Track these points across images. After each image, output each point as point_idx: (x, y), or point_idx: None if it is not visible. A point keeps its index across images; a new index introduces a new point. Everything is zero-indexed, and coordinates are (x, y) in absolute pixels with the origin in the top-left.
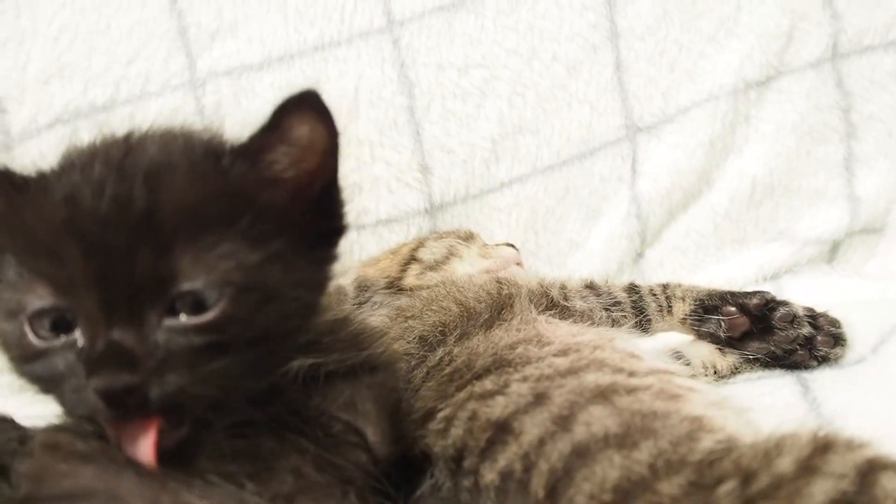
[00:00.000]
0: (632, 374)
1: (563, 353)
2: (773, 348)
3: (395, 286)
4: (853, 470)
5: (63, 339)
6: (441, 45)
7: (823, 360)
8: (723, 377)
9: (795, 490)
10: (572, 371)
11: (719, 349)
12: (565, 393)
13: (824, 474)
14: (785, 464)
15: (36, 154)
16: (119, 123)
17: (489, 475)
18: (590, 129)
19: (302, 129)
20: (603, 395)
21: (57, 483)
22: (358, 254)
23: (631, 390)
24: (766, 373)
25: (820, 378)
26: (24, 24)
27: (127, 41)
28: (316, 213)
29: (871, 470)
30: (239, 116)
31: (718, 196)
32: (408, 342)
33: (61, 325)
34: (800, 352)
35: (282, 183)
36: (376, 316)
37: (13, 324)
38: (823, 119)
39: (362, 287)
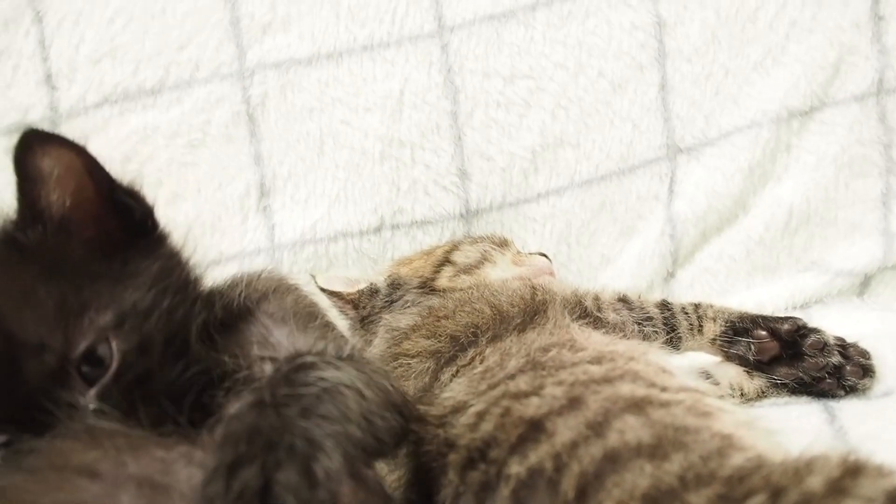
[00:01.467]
0: (664, 389)
1: (598, 360)
2: (801, 375)
3: (427, 286)
4: (882, 495)
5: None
6: (489, 53)
7: (851, 390)
8: (749, 400)
9: None
10: (607, 380)
11: (747, 372)
12: (600, 400)
13: (854, 497)
14: (815, 483)
15: (81, 132)
16: (166, 107)
17: (516, 468)
18: (630, 146)
19: (45, 162)
20: (637, 405)
21: None
22: (391, 253)
23: (664, 404)
24: (793, 399)
25: (847, 407)
26: (80, 5)
27: (180, 26)
28: (119, 217)
29: None
30: (284, 110)
31: (753, 222)
32: (439, 340)
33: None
34: (828, 380)
35: (74, 216)
36: (407, 314)
37: None
38: (864, 153)
39: (395, 285)
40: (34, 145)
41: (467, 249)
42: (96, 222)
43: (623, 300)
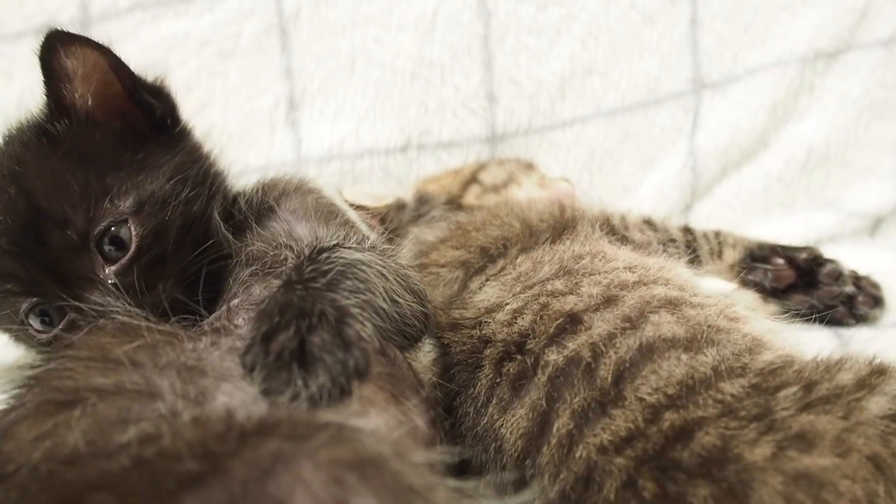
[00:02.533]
0: (694, 294)
1: (630, 269)
2: (815, 302)
3: (454, 203)
4: None
5: (52, 331)
6: None
7: (861, 320)
8: None
9: (854, 401)
10: (641, 283)
11: (762, 298)
12: (635, 297)
13: (881, 392)
14: (845, 378)
15: (111, 36)
16: (198, 14)
17: (553, 357)
18: (657, 79)
19: (69, 62)
20: (672, 303)
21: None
22: (416, 173)
23: (696, 305)
24: (805, 326)
25: (857, 335)
26: None
27: None
28: (141, 112)
29: None
30: (317, 25)
31: (773, 159)
32: (469, 251)
33: (46, 318)
34: (840, 308)
35: (98, 111)
36: (435, 228)
37: (21, 328)
38: (885, 97)
39: (422, 200)
40: (58, 45)
41: (494, 170)
42: (120, 117)
43: (648, 222)
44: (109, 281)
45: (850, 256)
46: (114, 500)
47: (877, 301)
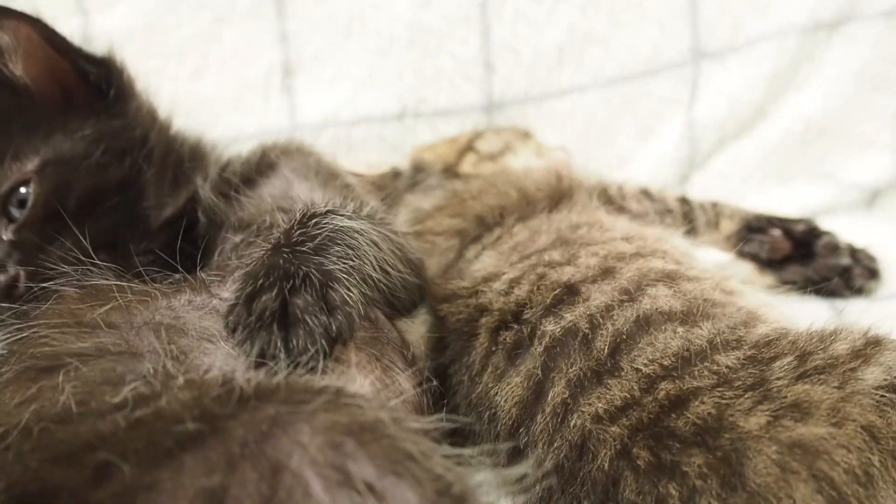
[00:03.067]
0: (691, 267)
1: (627, 240)
2: (810, 274)
3: (450, 171)
4: None
5: None
6: None
7: (857, 292)
8: None
9: (849, 371)
10: (638, 255)
11: (758, 269)
12: (632, 270)
13: (876, 363)
14: (840, 349)
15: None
16: None
17: (551, 327)
18: (656, 48)
19: (3, 37)
20: (668, 277)
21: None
22: (412, 141)
23: (692, 279)
24: (801, 297)
25: (851, 306)
26: None
27: None
28: (78, 79)
29: None
30: None
31: (771, 131)
32: (465, 220)
33: None
34: (836, 280)
35: (30, 78)
36: (431, 196)
37: None
38: (885, 70)
39: (418, 169)
40: None
41: (491, 138)
42: (58, 83)
43: (645, 192)
44: (7, 238)
45: (846, 229)
46: (112, 457)
47: (873, 273)
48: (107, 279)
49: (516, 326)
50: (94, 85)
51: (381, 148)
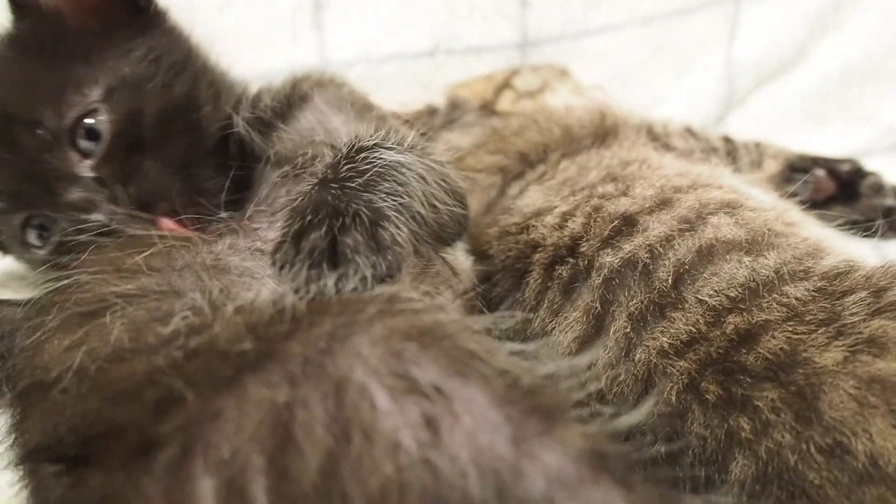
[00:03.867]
0: (749, 198)
1: (680, 174)
2: (855, 214)
3: (487, 109)
4: None
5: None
6: None
7: None
8: None
9: None
10: (695, 186)
11: (802, 210)
12: (692, 199)
13: None
14: None
15: None
16: None
17: (609, 258)
18: None
19: None
20: (729, 206)
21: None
22: (443, 79)
23: (753, 209)
24: (844, 238)
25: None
26: None
27: None
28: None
29: None
30: None
31: (810, 72)
32: (507, 157)
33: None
34: (880, 221)
35: (62, 2)
36: (469, 133)
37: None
38: None
39: (454, 106)
40: None
41: (528, 76)
42: (89, 5)
43: (689, 131)
44: (87, 175)
45: (885, 171)
46: (173, 388)
47: None
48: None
49: (572, 260)
50: (131, 2)
51: (412, 85)
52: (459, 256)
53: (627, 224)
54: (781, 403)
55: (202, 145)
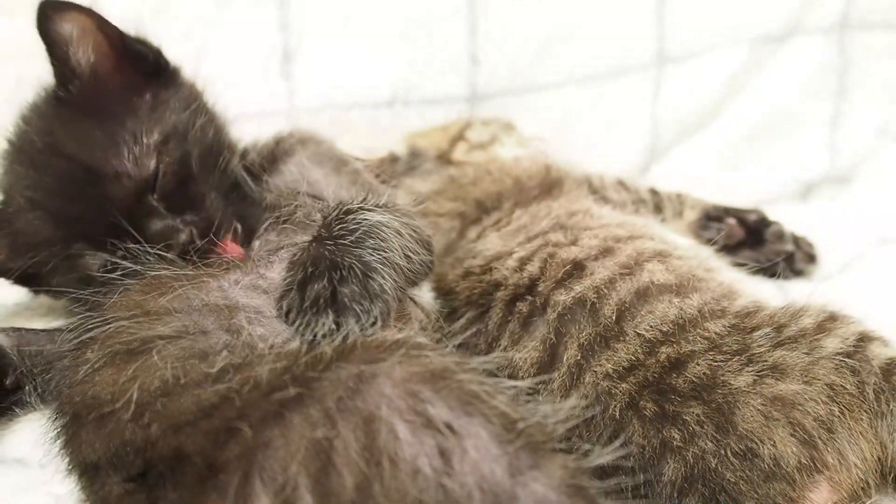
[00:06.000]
0: (676, 248)
1: (619, 225)
2: (760, 258)
3: (444, 158)
4: (853, 336)
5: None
6: None
7: (798, 274)
8: None
9: (815, 341)
10: (631, 237)
11: (715, 254)
12: (628, 250)
13: (834, 335)
14: (807, 322)
15: None
16: None
17: (563, 297)
18: (625, 51)
19: (66, 27)
20: (661, 255)
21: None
22: (401, 126)
23: (679, 257)
24: (751, 278)
25: (794, 287)
26: None
27: None
28: (134, 62)
29: (864, 338)
30: None
31: (724, 127)
32: (465, 203)
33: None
34: (781, 264)
35: (100, 67)
36: (429, 180)
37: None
38: (824, 78)
39: (414, 154)
40: (50, 14)
41: (479, 129)
42: (119, 69)
43: (621, 183)
44: (162, 208)
45: (785, 217)
46: (234, 421)
47: (811, 258)
48: (163, 268)
49: (530, 298)
50: (150, 63)
51: (373, 132)
52: (424, 295)
53: (577, 269)
54: (705, 417)
55: (229, 181)
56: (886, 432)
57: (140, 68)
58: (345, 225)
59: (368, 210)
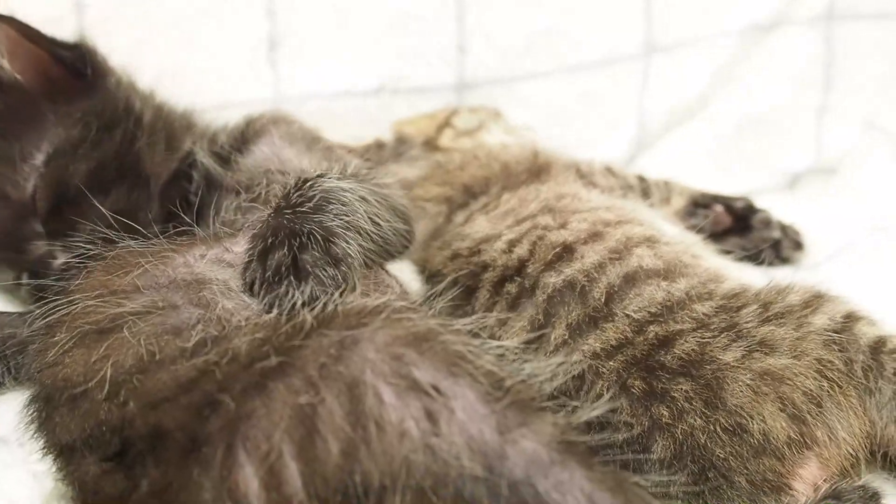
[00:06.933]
0: (663, 234)
1: (607, 209)
2: (747, 245)
3: (431, 145)
4: (840, 314)
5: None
6: None
7: (785, 261)
8: None
9: (802, 317)
10: (619, 222)
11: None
12: (617, 235)
13: (822, 312)
14: (794, 299)
15: None
16: None
17: (552, 279)
18: (614, 41)
19: None
20: (648, 240)
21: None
22: (389, 115)
23: (667, 243)
24: (739, 265)
25: (781, 274)
26: None
27: None
28: (61, 67)
29: (851, 317)
30: None
31: (711, 118)
32: (452, 188)
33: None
34: (768, 251)
35: (23, 75)
36: (416, 166)
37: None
38: (811, 69)
39: (401, 141)
40: None
41: (466, 116)
42: (42, 75)
43: (609, 169)
44: (41, 230)
45: (772, 207)
46: (211, 395)
47: (798, 245)
48: (127, 246)
49: (519, 279)
50: (72, 68)
51: (361, 121)
52: (406, 273)
53: (567, 252)
54: (693, 393)
55: (146, 185)
56: (875, 409)
57: (67, 73)
58: (302, 192)
59: (327, 178)
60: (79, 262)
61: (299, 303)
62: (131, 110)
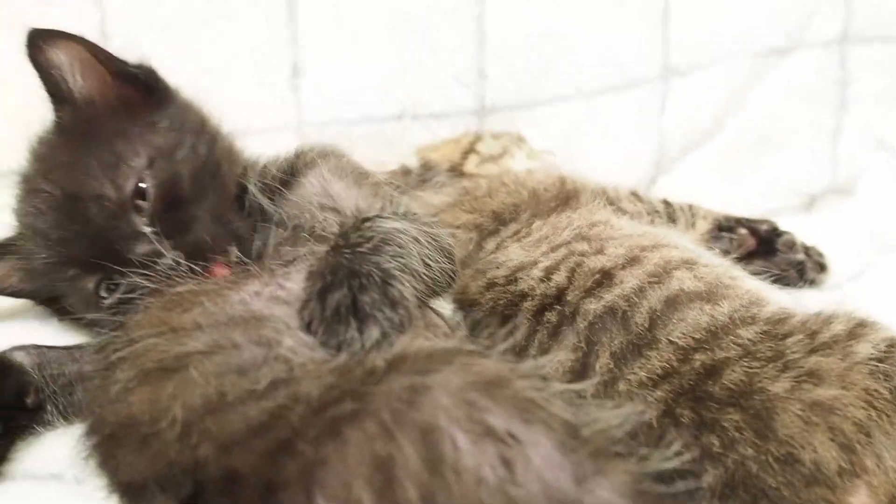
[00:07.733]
0: (700, 256)
1: (641, 235)
2: (772, 267)
3: (456, 170)
4: (883, 342)
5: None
6: None
7: (809, 283)
8: None
9: (847, 346)
10: (656, 246)
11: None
12: (655, 258)
13: (866, 340)
14: (838, 328)
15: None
16: None
17: (593, 306)
18: (632, 64)
19: (55, 55)
20: (687, 263)
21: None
22: (409, 140)
23: (706, 265)
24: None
25: (806, 296)
26: None
27: None
28: (127, 84)
29: (893, 344)
30: None
31: (728, 140)
32: (481, 215)
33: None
34: (792, 273)
35: (92, 91)
36: (442, 193)
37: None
38: (826, 90)
39: (426, 167)
40: (39, 42)
41: (490, 142)
42: (112, 93)
43: (634, 194)
44: (147, 230)
45: (793, 227)
46: (281, 439)
47: (822, 267)
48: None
49: (559, 307)
50: (143, 85)
51: (381, 146)
52: (445, 307)
53: (606, 278)
54: (744, 423)
55: (228, 198)
56: None
57: (135, 91)
58: (362, 233)
59: (385, 218)
60: (131, 297)
61: (367, 345)
62: (206, 124)
